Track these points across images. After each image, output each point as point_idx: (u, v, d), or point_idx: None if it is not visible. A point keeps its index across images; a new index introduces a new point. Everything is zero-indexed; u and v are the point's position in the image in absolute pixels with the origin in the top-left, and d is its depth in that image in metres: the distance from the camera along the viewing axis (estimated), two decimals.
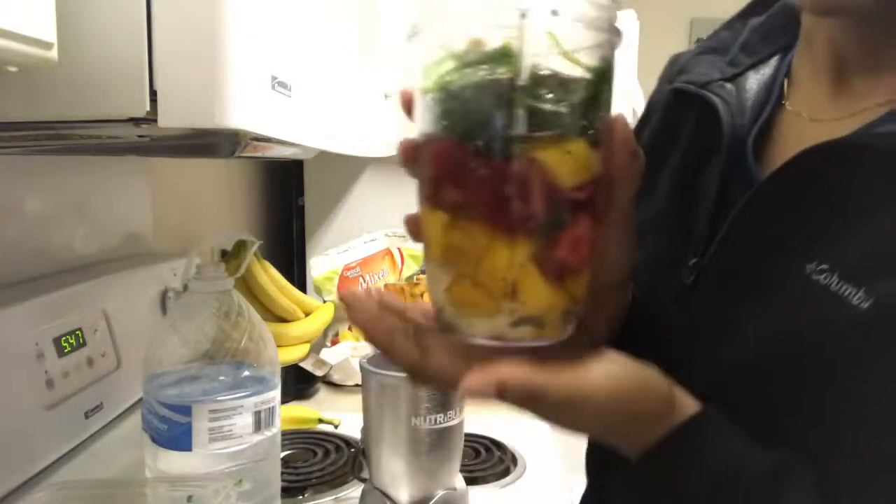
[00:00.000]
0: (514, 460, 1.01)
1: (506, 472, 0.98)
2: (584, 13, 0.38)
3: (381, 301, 0.42)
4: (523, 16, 0.34)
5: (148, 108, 0.33)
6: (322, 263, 1.56)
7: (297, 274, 1.80)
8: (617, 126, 0.41)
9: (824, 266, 0.40)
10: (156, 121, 0.33)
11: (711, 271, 0.46)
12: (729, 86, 0.50)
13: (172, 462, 0.65)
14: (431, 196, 0.39)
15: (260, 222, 1.75)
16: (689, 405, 0.41)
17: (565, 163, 0.36)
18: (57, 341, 0.72)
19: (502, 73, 0.35)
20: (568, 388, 0.37)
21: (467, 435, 0.85)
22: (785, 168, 0.43)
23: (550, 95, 0.36)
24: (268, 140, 0.40)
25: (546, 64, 0.35)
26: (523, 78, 0.35)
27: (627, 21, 1.69)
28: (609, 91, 0.41)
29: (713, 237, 0.46)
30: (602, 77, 0.39)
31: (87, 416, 0.76)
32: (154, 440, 0.66)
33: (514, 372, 0.36)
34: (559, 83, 0.36)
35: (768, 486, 0.39)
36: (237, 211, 1.61)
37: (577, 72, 0.37)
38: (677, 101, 0.54)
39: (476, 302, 0.37)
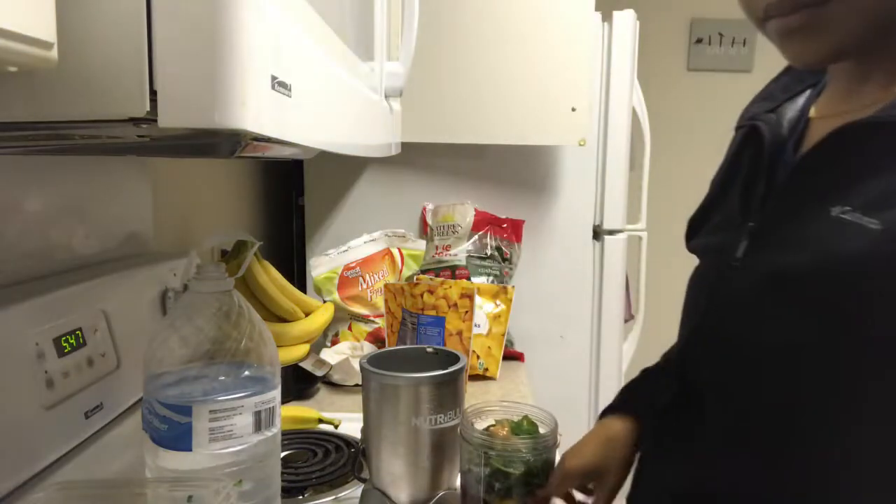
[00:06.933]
0: None
1: None
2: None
3: None
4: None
5: (148, 108, 0.33)
6: (322, 263, 1.56)
7: (297, 274, 1.80)
8: None
9: (847, 207, 0.54)
10: (156, 121, 0.33)
11: (762, 228, 0.63)
12: (773, 115, 0.68)
13: (172, 462, 0.65)
14: None
15: (260, 222, 1.75)
16: None
17: None
18: (57, 341, 0.72)
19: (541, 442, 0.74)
20: None
21: None
22: (817, 146, 0.59)
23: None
24: (268, 140, 0.40)
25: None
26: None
27: (627, 21, 1.69)
28: None
29: (763, 208, 0.63)
30: None
31: (87, 416, 0.76)
32: (154, 440, 0.65)
33: None
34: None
35: None
36: (237, 211, 1.61)
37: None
38: (739, 137, 0.73)
39: None
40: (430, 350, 0.85)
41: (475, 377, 1.42)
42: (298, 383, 1.29)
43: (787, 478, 0.58)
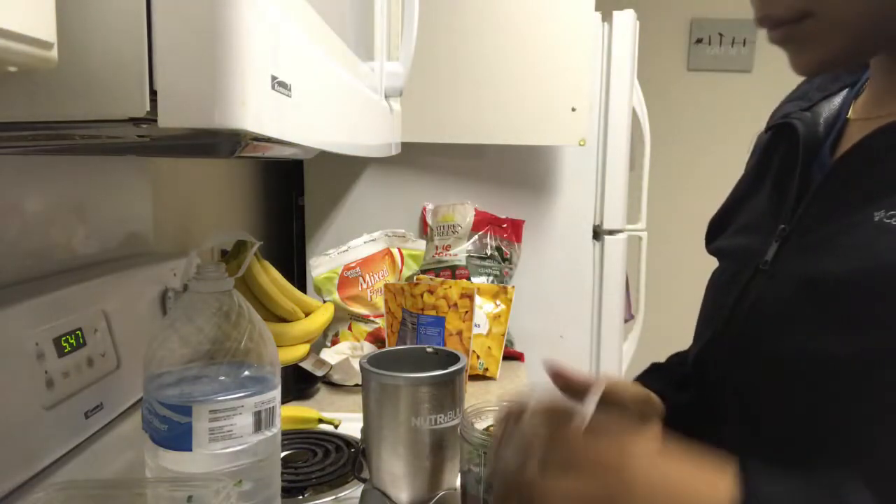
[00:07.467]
0: None
1: None
2: None
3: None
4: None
5: (148, 108, 0.33)
6: (322, 263, 1.56)
7: (297, 274, 1.80)
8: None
9: (892, 212, 0.52)
10: (156, 121, 0.33)
11: (795, 232, 0.60)
12: (806, 113, 0.66)
13: (172, 462, 0.65)
14: None
15: (260, 222, 1.75)
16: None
17: None
18: (57, 341, 0.72)
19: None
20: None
21: None
22: (856, 148, 0.58)
23: None
24: (268, 140, 0.40)
25: None
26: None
27: (627, 21, 1.69)
28: None
29: (796, 211, 0.61)
30: None
31: (87, 416, 0.76)
32: (154, 440, 0.65)
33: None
34: None
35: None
36: (237, 211, 1.61)
37: None
38: (770, 136, 0.71)
39: None
40: (430, 350, 0.85)
41: (475, 377, 1.42)
42: (298, 383, 1.29)
43: None
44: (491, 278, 1.58)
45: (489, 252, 1.61)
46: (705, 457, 0.51)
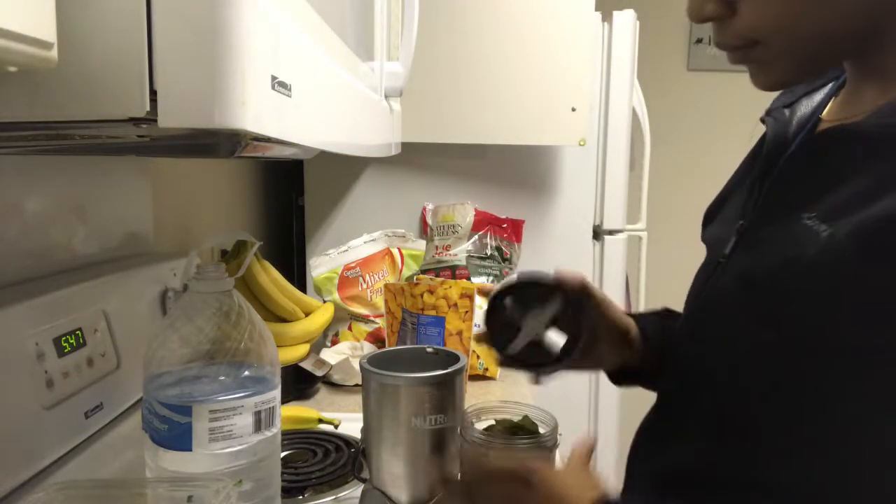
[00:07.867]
0: None
1: None
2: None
3: None
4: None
5: (148, 108, 0.33)
6: (322, 263, 1.56)
7: (297, 274, 1.80)
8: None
9: (812, 214, 0.55)
10: (156, 121, 0.33)
11: (747, 228, 0.65)
12: (787, 110, 0.69)
13: (172, 462, 0.65)
14: None
15: (260, 222, 1.75)
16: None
17: None
18: (57, 341, 0.72)
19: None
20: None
21: None
22: (796, 151, 0.63)
23: None
24: (268, 140, 0.40)
25: None
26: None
27: (627, 21, 1.69)
28: None
29: (754, 207, 0.65)
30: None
31: (87, 416, 0.76)
32: (154, 440, 0.65)
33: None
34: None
35: None
36: (237, 211, 1.61)
37: None
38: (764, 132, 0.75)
39: None
40: (430, 350, 0.85)
41: (475, 377, 1.42)
42: (298, 383, 1.29)
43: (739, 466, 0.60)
44: (491, 278, 1.58)
45: (489, 252, 1.61)
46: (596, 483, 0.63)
